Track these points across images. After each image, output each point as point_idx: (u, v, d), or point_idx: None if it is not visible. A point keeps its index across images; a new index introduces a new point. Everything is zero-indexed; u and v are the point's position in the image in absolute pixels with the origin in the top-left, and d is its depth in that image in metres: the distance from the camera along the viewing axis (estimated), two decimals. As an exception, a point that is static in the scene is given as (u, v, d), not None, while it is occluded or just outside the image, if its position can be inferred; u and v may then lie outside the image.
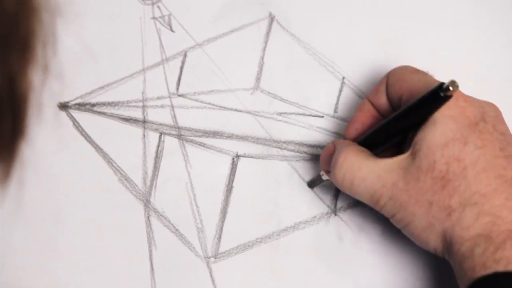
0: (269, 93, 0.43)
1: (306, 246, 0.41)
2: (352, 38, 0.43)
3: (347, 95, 0.43)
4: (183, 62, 0.44)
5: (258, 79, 0.43)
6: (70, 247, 0.42)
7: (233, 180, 0.42)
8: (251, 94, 0.43)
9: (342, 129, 0.42)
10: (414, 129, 0.34)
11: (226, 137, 0.43)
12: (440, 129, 0.33)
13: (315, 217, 0.41)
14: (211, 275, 0.41)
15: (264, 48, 0.44)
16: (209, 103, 0.43)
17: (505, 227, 0.31)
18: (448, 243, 0.33)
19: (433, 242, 0.34)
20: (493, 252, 0.30)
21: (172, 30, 0.44)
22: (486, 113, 0.34)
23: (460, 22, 0.43)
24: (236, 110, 0.43)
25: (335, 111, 0.43)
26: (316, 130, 0.43)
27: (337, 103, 0.43)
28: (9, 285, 0.42)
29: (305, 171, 0.42)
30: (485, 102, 0.35)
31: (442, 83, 0.32)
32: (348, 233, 0.41)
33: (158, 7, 0.44)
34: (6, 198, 0.42)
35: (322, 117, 0.43)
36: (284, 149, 0.42)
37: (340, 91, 0.43)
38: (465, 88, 0.42)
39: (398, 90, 0.37)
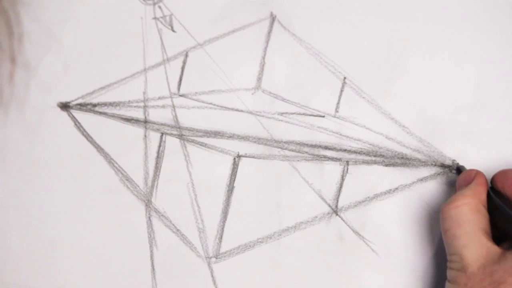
0: (270, 93, 0.43)
1: (307, 246, 0.41)
2: (353, 38, 0.43)
3: (349, 95, 0.43)
4: (184, 62, 0.44)
5: (259, 79, 0.43)
6: (70, 247, 0.42)
7: (234, 180, 0.42)
8: (252, 94, 0.43)
9: (343, 129, 0.42)
10: None
11: (227, 137, 0.43)
12: None
13: (316, 217, 0.41)
14: (212, 275, 0.41)
15: (266, 48, 0.44)
16: (210, 103, 0.43)
17: None
18: None
19: None
20: None
21: (173, 30, 0.44)
22: None
23: (460, 22, 0.43)
24: (237, 110, 0.43)
25: (337, 111, 0.43)
26: (317, 130, 0.43)
27: (338, 103, 0.43)
28: (9, 285, 0.41)
29: (306, 171, 0.42)
30: None
31: None
32: (349, 233, 0.41)
33: (159, 7, 0.44)
34: (7, 197, 0.42)
35: (323, 117, 0.43)
36: (286, 149, 0.42)
37: (342, 91, 0.43)
38: (465, 88, 0.42)
39: None
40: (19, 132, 0.43)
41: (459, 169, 0.40)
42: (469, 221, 0.34)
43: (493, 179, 0.37)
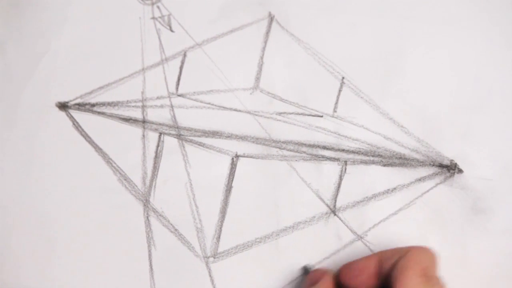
0: (268, 93, 0.43)
1: (305, 246, 0.41)
2: (351, 38, 0.43)
3: (347, 95, 0.43)
4: (182, 62, 0.44)
5: (257, 79, 0.43)
6: (69, 247, 0.42)
7: (232, 180, 0.42)
8: (250, 94, 0.43)
9: (342, 129, 0.42)
10: None
11: (226, 137, 0.43)
12: None
13: (314, 217, 0.41)
14: (210, 275, 0.41)
15: (264, 48, 0.44)
16: (209, 103, 0.43)
17: None
18: None
19: None
20: None
21: (171, 30, 0.44)
22: None
23: (460, 22, 0.43)
24: (235, 110, 0.43)
25: (335, 111, 0.43)
26: (315, 130, 0.43)
27: (336, 103, 0.43)
28: (9, 285, 0.42)
29: (305, 171, 0.42)
30: None
31: None
32: (347, 233, 0.41)
33: (158, 7, 0.44)
34: (5, 197, 0.42)
35: (322, 116, 0.43)
36: (284, 149, 0.42)
37: (340, 90, 0.43)
38: (463, 88, 0.42)
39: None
40: (17, 131, 0.43)
41: (306, 270, 0.40)
42: None
43: (339, 275, 0.37)
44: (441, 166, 0.41)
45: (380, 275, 0.35)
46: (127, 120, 0.43)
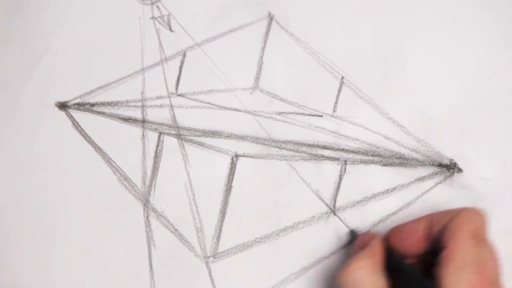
0: (268, 92, 0.43)
1: (305, 246, 0.41)
2: (351, 37, 0.43)
3: (346, 94, 0.43)
4: (182, 62, 0.44)
5: (257, 78, 0.43)
6: (69, 247, 0.42)
7: (232, 180, 0.42)
8: (250, 93, 0.43)
9: (341, 129, 0.42)
10: None
11: (225, 136, 0.43)
12: None
13: (314, 216, 0.41)
14: (210, 275, 0.41)
15: (263, 48, 0.44)
16: (208, 103, 0.43)
17: None
18: None
19: None
20: None
21: (171, 30, 0.44)
22: None
23: (460, 22, 0.43)
24: (235, 109, 0.43)
25: (334, 111, 0.43)
26: (315, 130, 0.43)
27: (336, 103, 0.43)
28: (9, 285, 0.42)
29: (304, 171, 0.42)
30: None
31: None
32: (347, 233, 0.41)
33: (158, 7, 0.44)
34: (5, 197, 0.42)
35: (321, 116, 0.43)
36: (283, 148, 0.42)
37: (339, 90, 0.43)
38: (463, 88, 0.42)
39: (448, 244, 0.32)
40: (17, 131, 0.43)
41: (353, 234, 0.40)
42: (366, 285, 0.33)
43: (389, 238, 0.36)
44: (440, 165, 0.41)
45: (429, 237, 0.35)
46: (127, 120, 0.43)
